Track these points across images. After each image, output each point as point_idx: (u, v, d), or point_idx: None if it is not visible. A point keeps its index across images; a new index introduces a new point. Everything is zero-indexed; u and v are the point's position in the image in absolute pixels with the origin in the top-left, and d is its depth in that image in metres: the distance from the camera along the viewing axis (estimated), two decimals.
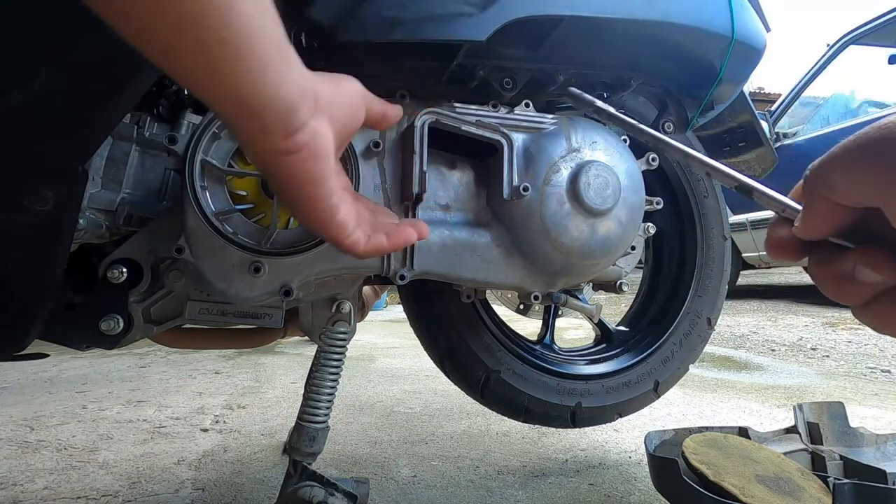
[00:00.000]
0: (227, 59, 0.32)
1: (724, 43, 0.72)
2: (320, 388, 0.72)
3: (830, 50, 3.69)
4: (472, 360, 0.94)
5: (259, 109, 0.36)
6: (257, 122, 0.36)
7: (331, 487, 0.70)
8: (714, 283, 1.05)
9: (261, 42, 0.33)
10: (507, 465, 1.13)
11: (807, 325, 3.08)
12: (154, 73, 0.49)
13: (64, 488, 1.03)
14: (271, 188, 0.42)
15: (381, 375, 1.99)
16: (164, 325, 0.68)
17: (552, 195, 0.69)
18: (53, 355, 1.84)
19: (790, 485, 0.76)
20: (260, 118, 0.36)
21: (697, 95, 0.77)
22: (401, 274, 0.67)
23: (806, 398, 1.63)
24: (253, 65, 0.33)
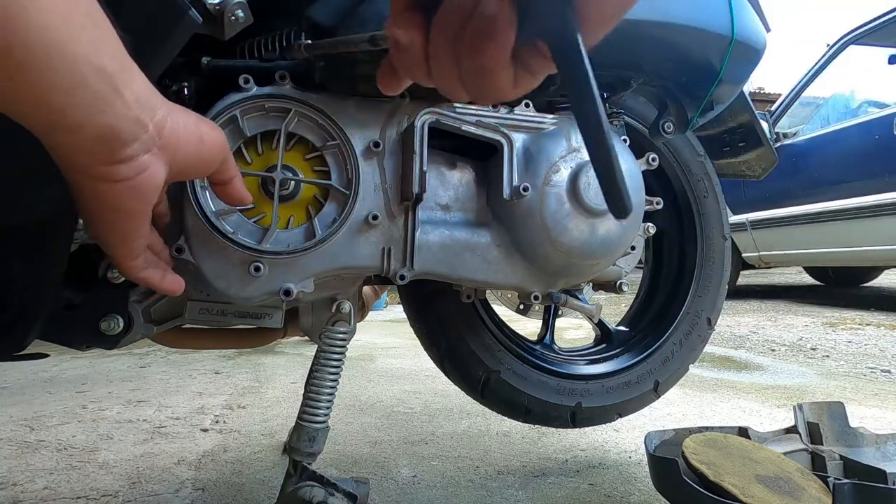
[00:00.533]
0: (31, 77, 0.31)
1: (724, 43, 0.72)
2: (320, 388, 0.72)
3: (830, 50, 3.69)
4: (472, 360, 0.94)
5: (68, 129, 0.34)
6: (67, 140, 0.35)
7: (331, 487, 0.70)
8: (714, 283, 1.05)
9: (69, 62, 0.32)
10: (507, 465, 1.13)
11: (807, 325, 3.08)
12: (155, 72, 0.49)
13: (64, 488, 1.03)
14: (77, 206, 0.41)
15: (381, 375, 1.99)
16: (164, 325, 0.68)
17: (552, 195, 0.69)
18: (53, 355, 1.84)
19: (790, 485, 0.76)
20: (71, 138, 0.35)
21: (697, 95, 0.77)
22: (401, 274, 0.67)
23: (806, 398, 1.63)
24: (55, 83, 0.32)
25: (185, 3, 0.46)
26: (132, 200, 0.39)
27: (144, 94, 0.37)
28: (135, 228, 0.42)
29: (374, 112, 0.67)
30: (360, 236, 0.65)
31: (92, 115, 0.34)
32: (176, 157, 0.41)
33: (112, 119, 0.35)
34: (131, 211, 0.40)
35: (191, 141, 0.42)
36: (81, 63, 0.32)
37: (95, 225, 0.41)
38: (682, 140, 1.02)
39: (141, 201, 0.40)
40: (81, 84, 0.33)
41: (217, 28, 0.54)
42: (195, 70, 0.64)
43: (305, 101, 0.64)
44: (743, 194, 4.00)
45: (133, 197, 0.39)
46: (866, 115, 3.42)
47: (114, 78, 0.34)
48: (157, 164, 0.39)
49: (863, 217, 3.22)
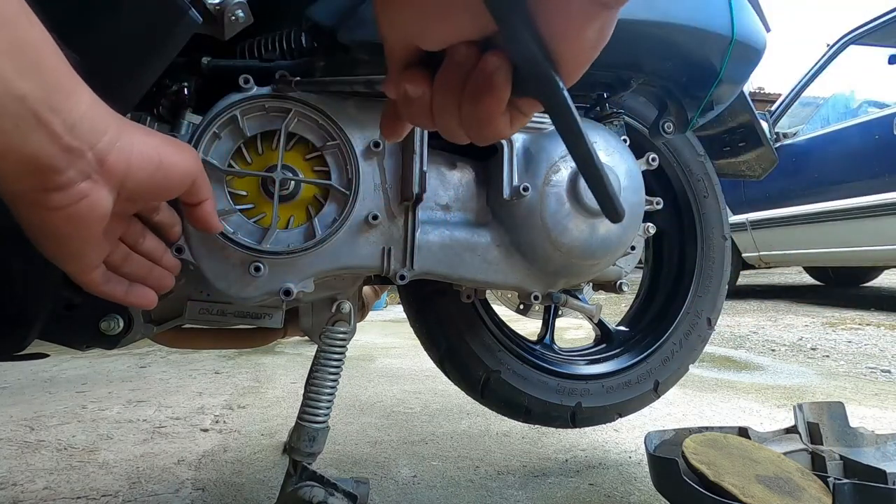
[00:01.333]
0: None
1: (724, 43, 0.72)
2: (320, 388, 0.72)
3: (830, 50, 3.69)
4: (472, 360, 0.94)
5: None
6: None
7: (331, 487, 0.70)
8: (714, 283, 1.05)
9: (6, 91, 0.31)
10: (507, 465, 1.13)
11: (807, 325, 3.08)
12: (154, 73, 0.49)
13: (64, 488, 1.03)
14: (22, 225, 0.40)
15: (381, 375, 1.99)
16: (164, 325, 0.68)
17: (552, 195, 0.69)
18: (53, 355, 1.84)
19: (790, 485, 0.76)
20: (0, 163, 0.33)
21: (697, 96, 0.77)
22: (401, 274, 0.67)
23: (806, 398, 1.63)
24: None
25: (185, 3, 0.46)
26: (71, 227, 0.38)
27: (83, 118, 0.35)
28: (80, 249, 0.40)
29: (374, 112, 0.67)
30: (360, 236, 0.65)
31: (13, 143, 0.33)
32: (125, 183, 0.39)
33: (36, 147, 0.33)
34: (72, 237, 0.39)
35: (145, 166, 0.40)
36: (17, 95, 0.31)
37: (41, 246, 0.40)
38: (682, 140, 1.02)
39: (83, 228, 0.38)
40: (23, 116, 0.32)
41: (217, 28, 0.54)
42: (195, 70, 0.64)
43: (305, 101, 0.64)
44: (743, 194, 4.00)
45: (72, 224, 0.38)
46: (866, 115, 3.42)
47: (38, 105, 0.33)
48: (98, 192, 0.37)
49: (863, 217, 3.22)
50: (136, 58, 0.36)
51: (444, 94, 0.31)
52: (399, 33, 0.31)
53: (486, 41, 0.30)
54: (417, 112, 0.33)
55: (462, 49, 0.30)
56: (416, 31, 0.30)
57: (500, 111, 0.30)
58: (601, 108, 0.81)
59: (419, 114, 0.33)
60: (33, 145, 0.33)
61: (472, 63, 0.30)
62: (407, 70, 0.32)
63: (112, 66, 0.40)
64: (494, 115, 0.30)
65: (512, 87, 0.30)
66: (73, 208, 0.37)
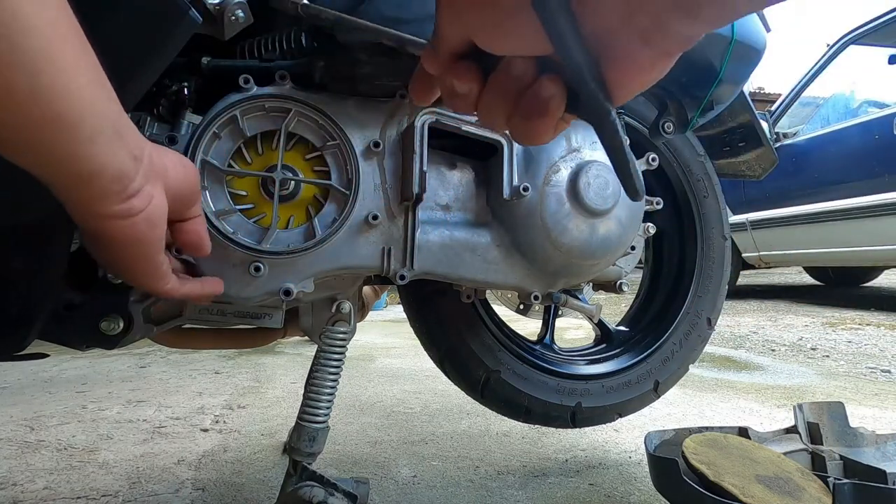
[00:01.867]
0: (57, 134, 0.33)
1: (724, 43, 0.72)
2: (320, 388, 0.72)
3: (830, 50, 3.69)
4: (472, 360, 0.94)
5: (90, 177, 0.36)
6: (88, 190, 0.37)
7: (331, 487, 0.70)
8: (714, 283, 1.05)
9: (96, 113, 0.34)
10: (507, 465, 1.13)
11: (807, 325, 3.08)
12: (154, 74, 0.49)
13: (64, 488, 1.03)
14: (89, 248, 0.43)
15: (381, 375, 1.99)
16: (164, 325, 0.68)
17: (552, 195, 0.69)
18: (53, 355, 1.84)
19: (790, 485, 0.76)
20: (91, 185, 0.36)
21: (697, 96, 0.77)
22: (401, 274, 0.67)
23: (806, 398, 1.63)
24: (83, 136, 0.34)
25: (185, 3, 0.46)
26: (149, 229, 0.41)
27: (134, 129, 0.39)
28: (155, 255, 0.43)
29: (374, 112, 0.67)
30: (360, 236, 0.65)
31: (107, 161, 0.36)
32: (168, 183, 0.43)
33: (121, 160, 0.37)
34: (150, 240, 0.42)
35: (176, 167, 0.44)
36: (99, 114, 0.35)
37: (119, 264, 0.43)
38: (682, 140, 1.02)
39: (156, 228, 0.42)
40: (100, 132, 0.35)
41: (217, 28, 0.54)
42: (195, 70, 0.64)
43: (305, 101, 0.64)
44: (743, 194, 3.99)
45: (149, 226, 0.41)
46: (866, 115, 3.42)
47: (117, 121, 0.36)
48: (158, 191, 0.41)
49: (863, 217, 3.22)
50: (135, 58, 0.36)
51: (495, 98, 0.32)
52: (461, 28, 0.30)
53: (544, 60, 0.30)
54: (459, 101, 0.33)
55: (520, 63, 0.30)
56: (480, 33, 0.30)
57: (550, 128, 0.31)
58: None
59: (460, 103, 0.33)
60: (119, 159, 0.37)
61: (528, 79, 0.30)
62: (458, 62, 0.32)
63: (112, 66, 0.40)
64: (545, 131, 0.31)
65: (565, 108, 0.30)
66: (147, 210, 0.40)
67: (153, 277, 0.46)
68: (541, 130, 0.31)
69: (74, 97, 0.33)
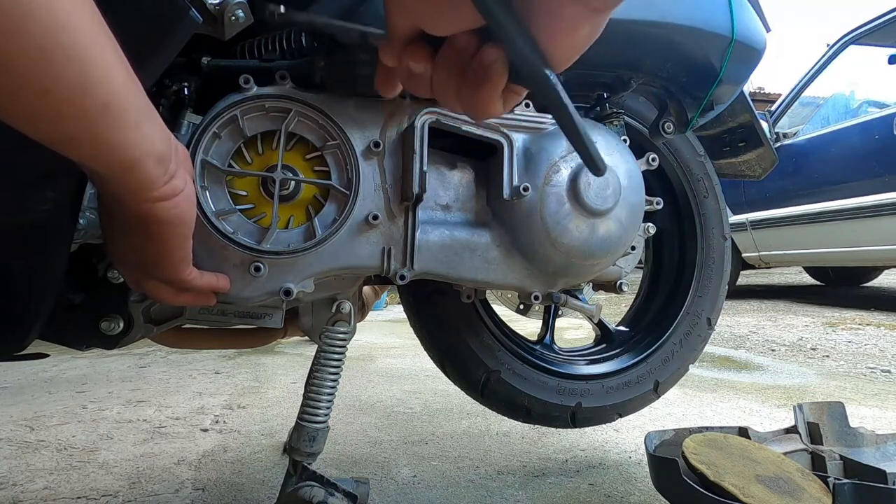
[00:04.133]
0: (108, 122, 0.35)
1: (724, 43, 0.72)
2: (320, 388, 0.72)
3: (830, 50, 3.69)
4: (472, 360, 0.94)
5: (139, 161, 0.38)
6: (138, 174, 0.39)
7: (331, 487, 0.70)
8: (714, 283, 1.05)
9: (136, 100, 0.37)
10: (507, 465, 1.13)
11: (807, 325, 3.08)
12: (154, 74, 0.49)
13: (64, 488, 1.03)
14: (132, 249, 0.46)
15: (381, 375, 1.99)
16: (164, 325, 0.68)
17: (552, 195, 0.69)
18: (53, 355, 1.84)
19: (790, 485, 0.76)
20: (140, 169, 0.39)
21: (697, 96, 0.77)
22: (401, 274, 0.67)
23: (806, 398, 1.63)
24: (129, 122, 0.36)
25: (185, 3, 0.46)
26: (189, 207, 0.44)
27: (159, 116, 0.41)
28: (190, 235, 0.46)
29: (374, 112, 0.67)
30: (360, 236, 0.65)
31: (152, 144, 0.39)
32: (187, 167, 0.45)
33: (162, 143, 0.40)
34: (191, 218, 0.45)
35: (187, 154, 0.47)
36: (139, 101, 0.37)
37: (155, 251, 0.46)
38: (682, 140, 1.02)
39: (194, 206, 0.45)
40: (143, 118, 0.37)
41: (217, 28, 0.54)
42: (195, 70, 0.64)
43: (305, 101, 0.64)
44: (743, 194, 3.99)
45: (189, 204, 0.44)
46: (866, 115, 3.42)
47: (151, 108, 0.39)
48: (187, 172, 0.45)
49: (863, 217, 3.22)
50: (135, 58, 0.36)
51: (444, 74, 0.34)
52: (406, 15, 0.33)
53: (485, 31, 0.32)
54: (416, 83, 0.36)
55: (463, 38, 0.32)
56: (424, 17, 0.32)
57: (496, 97, 0.33)
58: (601, 108, 0.81)
59: (417, 84, 0.36)
60: (159, 142, 0.40)
61: (472, 51, 0.32)
62: (409, 46, 0.34)
63: None
64: (491, 99, 0.33)
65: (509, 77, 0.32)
66: (186, 189, 0.43)
67: (184, 262, 0.48)
68: (487, 99, 0.33)
69: (120, 86, 0.35)
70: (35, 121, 0.33)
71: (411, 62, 0.35)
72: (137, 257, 0.47)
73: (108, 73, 0.34)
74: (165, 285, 0.51)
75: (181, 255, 0.47)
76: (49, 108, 0.32)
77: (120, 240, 0.46)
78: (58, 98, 0.32)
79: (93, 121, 0.34)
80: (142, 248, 0.45)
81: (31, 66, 0.30)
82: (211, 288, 0.55)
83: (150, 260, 0.47)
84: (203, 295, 0.56)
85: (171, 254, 0.46)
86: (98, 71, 0.33)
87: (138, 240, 0.44)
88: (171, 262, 0.47)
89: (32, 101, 0.31)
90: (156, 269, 0.48)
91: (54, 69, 0.31)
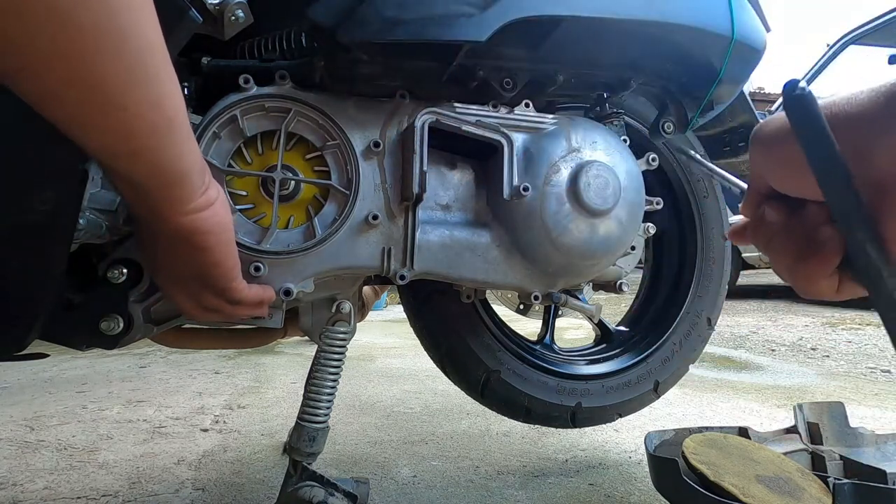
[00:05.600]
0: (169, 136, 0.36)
1: (724, 43, 0.72)
2: (320, 388, 0.72)
3: (830, 50, 3.69)
4: (472, 360, 0.94)
5: (187, 173, 0.40)
6: (184, 186, 0.40)
7: (331, 487, 0.70)
8: (714, 283, 1.05)
9: (185, 114, 0.38)
10: (507, 465, 1.13)
11: (807, 325, 3.08)
12: None
13: (64, 488, 1.03)
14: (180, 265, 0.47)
15: (381, 375, 1.99)
16: (164, 325, 0.68)
17: (552, 195, 0.69)
18: (53, 355, 1.84)
19: (790, 485, 0.76)
20: (186, 181, 0.40)
21: (697, 95, 0.77)
22: (401, 274, 0.67)
23: (806, 398, 1.63)
24: (183, 136, 0.38)
25: (185, 3, 0.46)
26: (227, 213, 0.46)
27: None
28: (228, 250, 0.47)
29: (374, 112, 0.67)
30: (360, 236, 0.65)
31: (196, 156, 0.41)
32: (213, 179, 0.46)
33: (200, 156, 0.42)
34: (230, 224, 0.46)
35: None
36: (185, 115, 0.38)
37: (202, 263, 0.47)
38: (682, 140, 1.02)
39: (230, 212, 0.47)
40: (190, 131, 0.39)
41: (217, 28, 0.54)
42: (195, 70, 0.64)
43: (305, 101, 0.64)
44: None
45: (226, 210, 0.46)
46: None
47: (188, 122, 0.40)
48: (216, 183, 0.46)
49: None
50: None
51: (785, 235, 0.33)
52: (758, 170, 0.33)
53: None
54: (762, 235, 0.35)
55: (814, 208, 0.31)
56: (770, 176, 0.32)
57: (820, 275, 0.31)
58: (601, 108, 0.81)
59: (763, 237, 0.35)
60: (199, 155, 0.42)
61: (817, 223, 0.31)
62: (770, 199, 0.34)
63: None
64: (814, 277, 0.32)
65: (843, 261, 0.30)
66: (220, 195, 0.45)
67: (236, 268, 0.49)
68: (810, 274, 0.32)
69: (178, 101, 0.36)
70: (105, 135, 0.34)
71: (767, 210, 0.34)
72: (190, 273, 0.48)
73: (173, 91, 0.36)
74: (221, 299, 0.51)
75: (231, 261, 0.48)
76: (123, 123, 0.33)
77: (167, 261, 0.47)
78: (133, 114, 0.33)
79: (159, 135, 0.36)
80: (192, 261, 0.46)
81: (120, 84, 0.31)
82: (259, 299, 0.56)
83: (203, 272, 0.48)
84: (255, 306, 0.56)
85: (223, 261, 0.47)
86: (166, 86, 0.35)
87: (186, 254, 0.45)
88: (224, 270, 0.48)
89: (111, 116, 0.32)
90: (210, 280, 0.49)
91: (137, 88, 0.32)
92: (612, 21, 0.66)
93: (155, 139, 0.36)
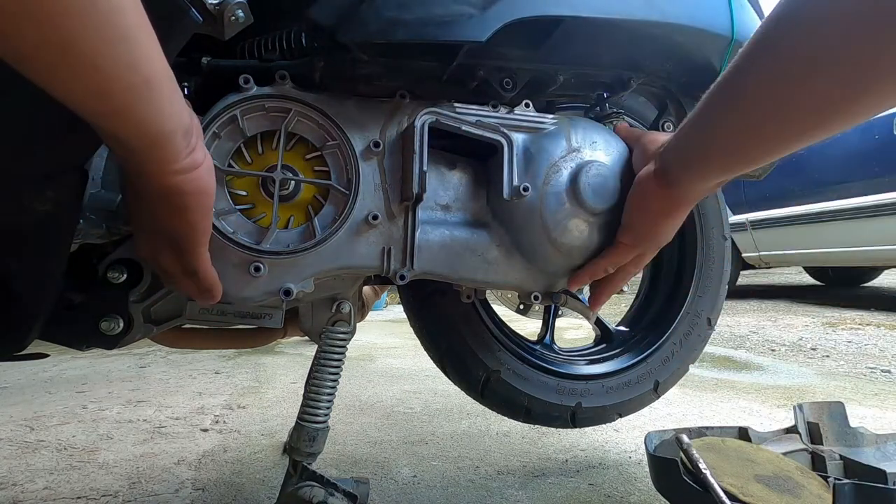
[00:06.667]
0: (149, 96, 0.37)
1: (724, 43, 0.72)
2: (320, 388, 0.72)
3: None
4: (472, 360, 0.94)
5: (170, 134, 0.41)
6: (168, 147, 0.41)
7: (331, 487, 0.70)
8: (714, 283, 1.05)
9: (170, 77, 0.39)
10: (507, 465, 1.13)
11: (807, 325, 3.08)
12: None
13: (64, 488, 1.03)
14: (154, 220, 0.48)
15: (381, 375, 1.99)
16: (164, 325, 0.68)
17: (552, 195, 0.69)
18: (53, 355, 1.84)
19: (789, 483, 0.76)
20: (171, 142, 0.41)
21: (697, 96, 0.77)
22: (401, 274, 0.67)
23: (806, 398, 1.63)
24: (165, 96, 0.39)
25: (185, 2, 0.46)
26: (210, 178, 0.46)
27: None
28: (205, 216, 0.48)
29: (374, 112, 0.67)
30: (359, 236, 0.65)
31: (181, 117, 0.41)
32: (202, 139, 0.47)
33: (187, 116, 0.42)
34: (212, 189, 0.47)
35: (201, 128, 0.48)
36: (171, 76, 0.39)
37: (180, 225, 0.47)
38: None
39: (213, 177, 0.47)
40: (177, 94, 0.40)
41: (217, 28, 0.54)
42: (195, 70, 0.64)
43: (305, 101, 0.64)
44: (743, 194, 3.99)
45: (210, 175, 0.46)
46: None
47: (177, 83, 0.40)
48: (203, 146, 0.46)
49: (863, 217, 3.22)
50: None
51: None
52: None
53: None
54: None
55: None
56: None
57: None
58: (601, 108, 0.81)
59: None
60: (185, 115, 0.42)
61: None
62: None
63: None
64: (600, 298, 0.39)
65: None
66: (206, 160, 0.46)
67: (206, 234, 0.50)
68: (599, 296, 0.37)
69: (157, 62, 0.38)
70: (83, 96, 0.35)
71: None
72: (161, 227, 0.48)
73: (150, 53, 0.37)
74: (177, 261, 0.51)
75: (203, 227, 0.49)
76: (99, 83, 0.34)
77: (145, 214, 0.48)
78: (108, 74, 0.34)
79: (137, 95, 0.36)
80: (167, 220, 0.47)
81: (91, 45, 0.32)
82: (211, 282, 0.55)
83: (176, 231, 0.48)
84: (202, 288, 0.55)
85: (196, 224, 0.48)
86: (142, 50, 0.36)
87: (163, 213, 0.46)
88: (195, 234, 0.49)
89: (85, 77, 0.34)
90: (178, 240, 0.49)
91: (108, 48, 0.33)
92: (613, 21, 0.66)
93: (133, 100, 0.37)
